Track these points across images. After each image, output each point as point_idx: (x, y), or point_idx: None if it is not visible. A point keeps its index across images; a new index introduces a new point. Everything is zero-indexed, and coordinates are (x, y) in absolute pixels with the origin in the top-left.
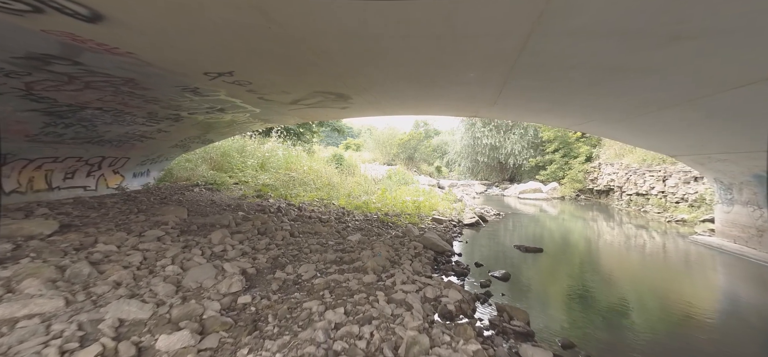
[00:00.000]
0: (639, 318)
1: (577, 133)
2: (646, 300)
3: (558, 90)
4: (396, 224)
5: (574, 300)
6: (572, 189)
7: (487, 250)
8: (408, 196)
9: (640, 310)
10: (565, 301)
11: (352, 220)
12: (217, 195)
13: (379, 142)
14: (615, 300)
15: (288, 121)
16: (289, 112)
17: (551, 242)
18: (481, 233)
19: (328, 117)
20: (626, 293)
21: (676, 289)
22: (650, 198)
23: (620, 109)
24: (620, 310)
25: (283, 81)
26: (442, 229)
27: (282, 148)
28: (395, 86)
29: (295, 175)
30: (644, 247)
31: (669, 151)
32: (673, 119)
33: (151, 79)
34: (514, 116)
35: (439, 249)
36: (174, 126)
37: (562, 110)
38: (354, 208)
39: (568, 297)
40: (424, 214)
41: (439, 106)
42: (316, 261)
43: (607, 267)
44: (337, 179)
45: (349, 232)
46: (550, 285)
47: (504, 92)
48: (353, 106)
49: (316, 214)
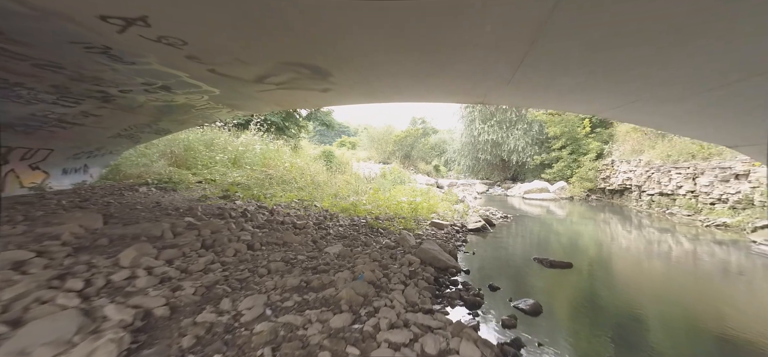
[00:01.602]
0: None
1: (586, 128)
2: (743, 345)
3: (598, 60)
4: (388, 230)
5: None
6: (582, 188)
7: (500, 264)
8: (403, 197)
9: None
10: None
11: (335, 226)
12: (169, 196)
13: (374, 139)
14: (704, 348)
15: (261, 108)
16: (257, 94)
17: (576, 253)
18: (489, 240)
19: (308, 103)
20: (712, 332)
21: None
22: (677, 199)
23: (685, 81)
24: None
25: (235, 46)
26: (443, 236)
27: (260, 143)
28: (389, 58)
29: (274, 172)
30: (695, 259)
31: (740, 140)
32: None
33: (23, 26)
34: (528, 100)
35: (440, 264)
36: (105, 108)
37: (598, 88)
38: (340, 211)
39: (636, 346)
40: (421, 217)
41: (440, 89)
42: (271, 289)
43: (668, 291)
44: (323, 178)
45: (328, 242)
46: (602, 323)
47: (526, 62)
48: (336, 88)
49: (291, 219)
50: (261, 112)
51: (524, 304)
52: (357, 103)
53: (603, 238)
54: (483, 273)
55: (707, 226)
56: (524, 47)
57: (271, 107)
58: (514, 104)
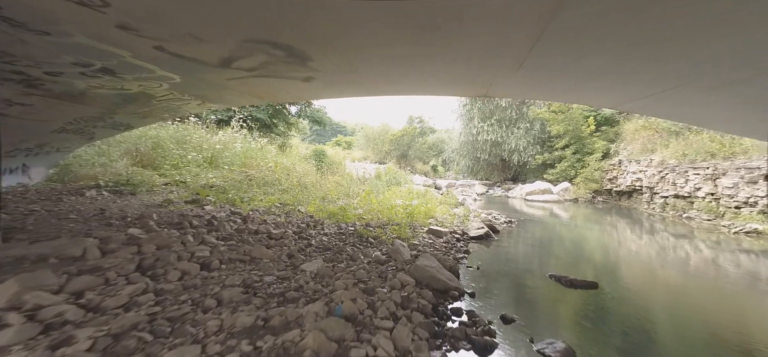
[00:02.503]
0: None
1: (590, 127)
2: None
3: (636, 31)
4: (380, 239)
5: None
6: (587, 190)
7: (511, 282)
8: (399, 200)
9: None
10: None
11: (319, 235)
12: (122, 202)
13: (370, 138)
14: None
15: (238, 101)
16: (228, 83)
17: (597, 267)
18: (494, 250)
19: (291, 95)
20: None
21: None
22: (695, 201)
23: (746, 60)
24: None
25: (180, 13)
26: (442, 245)
27: (241, 141)
28: (378, 37)
29: (255, 173)
30: (737, 273)
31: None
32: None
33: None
34: (539, 89)
35: (439, 286)
36: (33, 95)
37: (629, 71)
38: (326, 216)
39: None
40: (418, 223)
41: (438, 77)
42: (212, 333)
43: (724, 320)
44: (312, 179)
45: (307, 256)
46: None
47: (546, 37)
48: (320, 77)
49: (266, 228)
50: (238, 105)
51: (552, 350)
52: (347, 96)
53: (622, 247)
54: (491, 296)
55: (735, 233)
56: (546, 14)
57: (249, 100)
58: (521, 96)
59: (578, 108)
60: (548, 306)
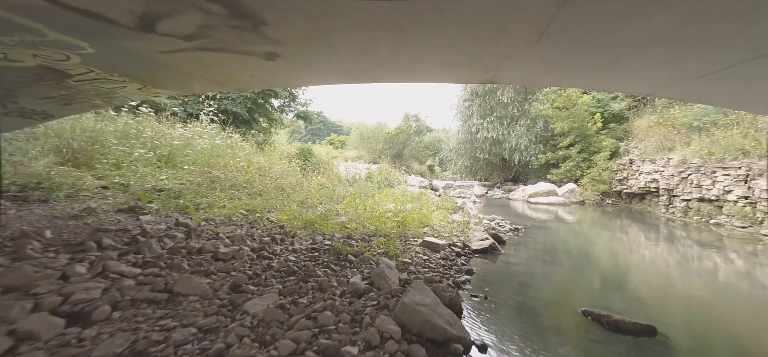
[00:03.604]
0: None
1: (597, 124)
2: None
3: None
4: (362, 257)
5: None
6: (594, 191)
7: (533, 325)
8: (391, 203)
9: None
10: None
11: (285, 253)
12: (22, 210)
13: (364, 137)
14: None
15: (190, 85)
16: (165, 58)
17: (638, 295)
18: (503, 268)
19: (256, 80)
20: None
21: None
22: (725, 205)
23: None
24: None
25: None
26: (438, 262)
27: (208, 136)
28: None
29: (222, 174)
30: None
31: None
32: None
33: None
34: (559, 72)
35: (436, 335)
36: None
37: (691, 39)
38: (301, 226)
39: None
40: (410, 232)
41: (434, 57)
42: None
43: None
44: (293, 180)
45: (259, 287)
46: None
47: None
48: (286, 52)
49: (216, 244)
50: (196, 92)
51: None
52: (325, 83)
53: (657, 264)
54: (509, 349)
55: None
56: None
57: (209, 86)
58: (533, 82)
59: (584, 104)
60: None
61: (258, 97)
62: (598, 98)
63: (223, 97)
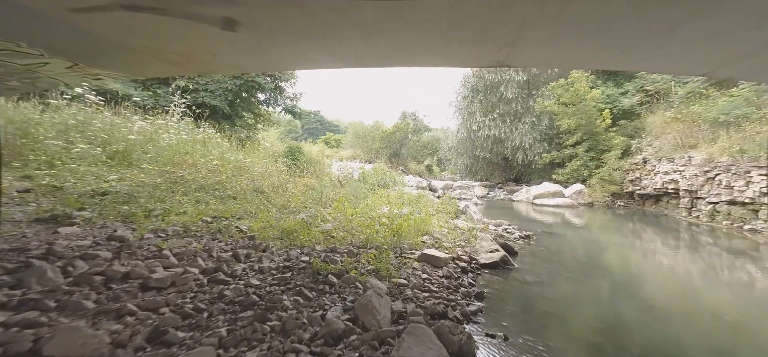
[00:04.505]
0: None
1: (606, 121)
2: None
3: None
4: (346, 277)
5: None
6: (604, 192)
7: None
8: (385, 207)
9: None
10: None
11: (249, 274)
12: None
13: (359, 136)
14: None
15: (133, 64)
16: (78, 19)
17: (704, 334)
18: (520, 289)
19: (217, 61)
20: None
21: None
22: (762, 209)
23: None
24: None
25: None
26: (441, 283)
27: (174, 131)
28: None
29: (189, 174)
30: None
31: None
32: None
33: None
34: (587, 48)
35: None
36: None
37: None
38: (277, 236)
39: None
40: (407, 243)
41: (436, 31)
42: None
43: None
44: (275, 181)
45: (192, 336)
46: None
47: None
48: (249, 19)
49: (154, 265)
50: (143, 74)
51: None
52: (307, 67)
53: (706, 282)
54: None
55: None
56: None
57: (158, 67)
58: (553, 62)
59: (592, 99)
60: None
61: (241, 89)
62: (607, 93)
63: (201, 89)
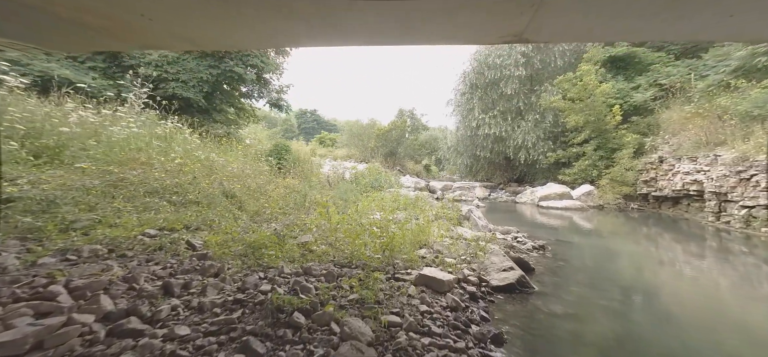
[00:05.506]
0: None
1: (616, 117)
2: None
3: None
4: (315, 314)
5: None
6: (615, 194)
7: None
8: (378, 213)
9: None
10: None
11: (182, 316)
12: None
13: (355, 134)
14: None
15: (34, 32)
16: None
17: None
18: (545, 325)
19: (153, 24)
20: None
21: None
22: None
23: None
24: None
25: None
26: (446, 318)
27: (126, 123)
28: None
29: (142, 173)
30: None
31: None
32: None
33: None
34: (624, 16)
35: None
36: None
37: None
38: (240, 252)
39: None
40: (401, 259)
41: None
42: None
43: None
44: (252, 182)
45: None
46: None
47: None
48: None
49: (30, 308)
50: (55, 46)
51: None
52: (286, 44)
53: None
54: None
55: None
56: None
57: (78, 38)
58: (585, 36)
59: (602, 94)
60: None
61: (219, 80)
62: (618, 88)
63: (170, 79)
